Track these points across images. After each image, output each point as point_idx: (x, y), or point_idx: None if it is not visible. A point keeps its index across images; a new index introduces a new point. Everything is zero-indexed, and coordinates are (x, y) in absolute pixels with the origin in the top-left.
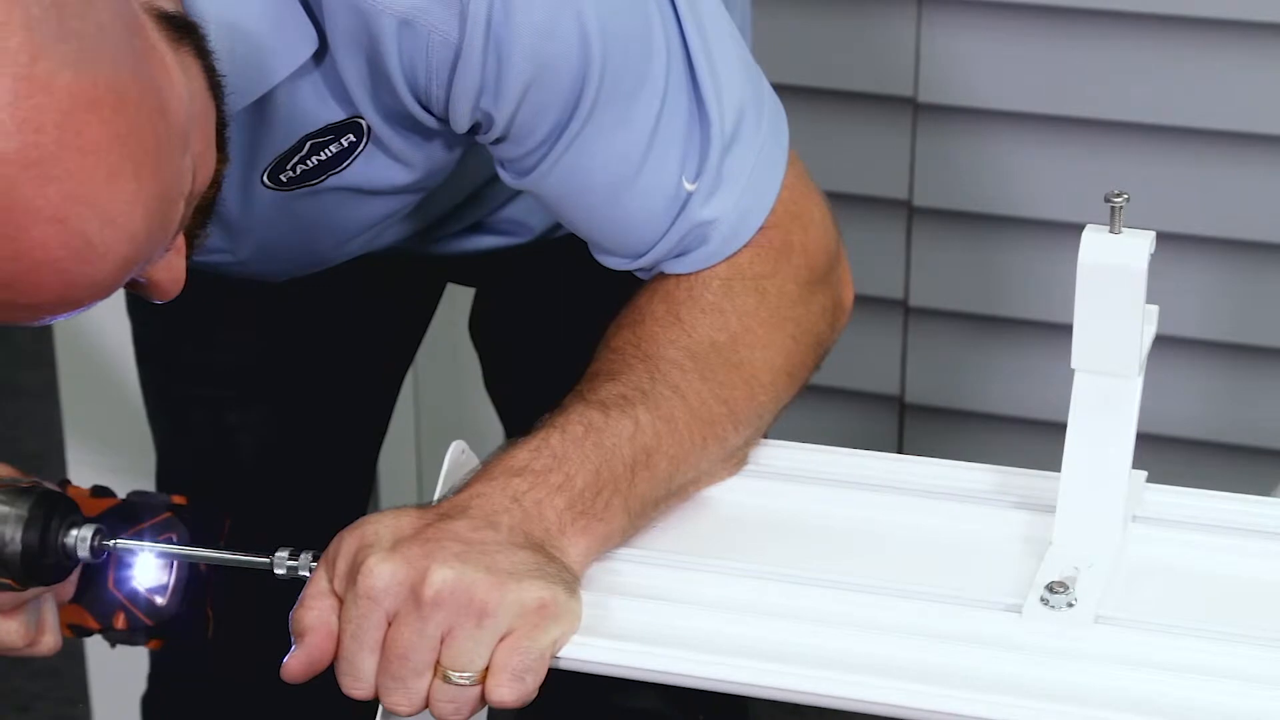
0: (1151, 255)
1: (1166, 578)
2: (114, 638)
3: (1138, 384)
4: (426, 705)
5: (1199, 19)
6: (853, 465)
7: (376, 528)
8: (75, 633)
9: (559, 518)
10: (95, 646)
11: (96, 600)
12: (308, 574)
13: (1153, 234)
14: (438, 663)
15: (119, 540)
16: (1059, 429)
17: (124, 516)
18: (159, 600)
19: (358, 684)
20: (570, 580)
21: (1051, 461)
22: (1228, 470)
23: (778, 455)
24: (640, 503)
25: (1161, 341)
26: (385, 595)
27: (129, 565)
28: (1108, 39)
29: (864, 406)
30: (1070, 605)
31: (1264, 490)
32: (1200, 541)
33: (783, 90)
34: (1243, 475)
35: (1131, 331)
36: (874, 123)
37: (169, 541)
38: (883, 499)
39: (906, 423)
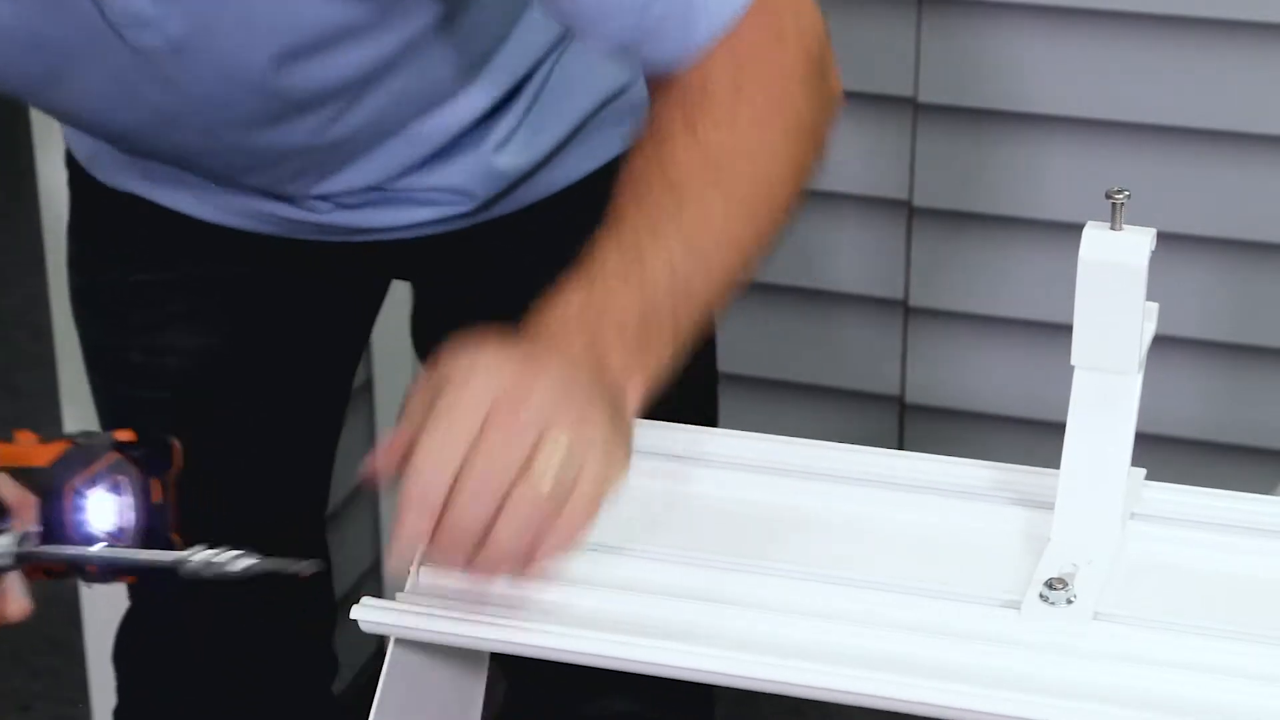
0: (1151, 254)
1: (1165, 575)
2: (88, 579)
3: (1137, 381)
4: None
5: (1199, 19)
6: (851, 461)
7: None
8: (50, 577)
9: (620, 367)
10: (95, 647)
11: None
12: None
13: (1153, 231)
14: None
15: (44, 549)
16: (1059, 429)
17: (76, 461)
18: (121, 543)
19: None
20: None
21: (1052, 461)
22: (1228, 470)
23: (777, 450)
24: (684, 335)
25: (1161, 341)
26: (470, 407)
27: (81, 512)
28: (1108, 39)
29: (864, 406)
30: (1069, 602)
31: (1264, 490)
32: (1199, 539)
33: None
34: (1243, 475)
35: (1132, 328)
36: (874, 123)
37: (115, 487)
38: (881, 495)
39: (906, 423)
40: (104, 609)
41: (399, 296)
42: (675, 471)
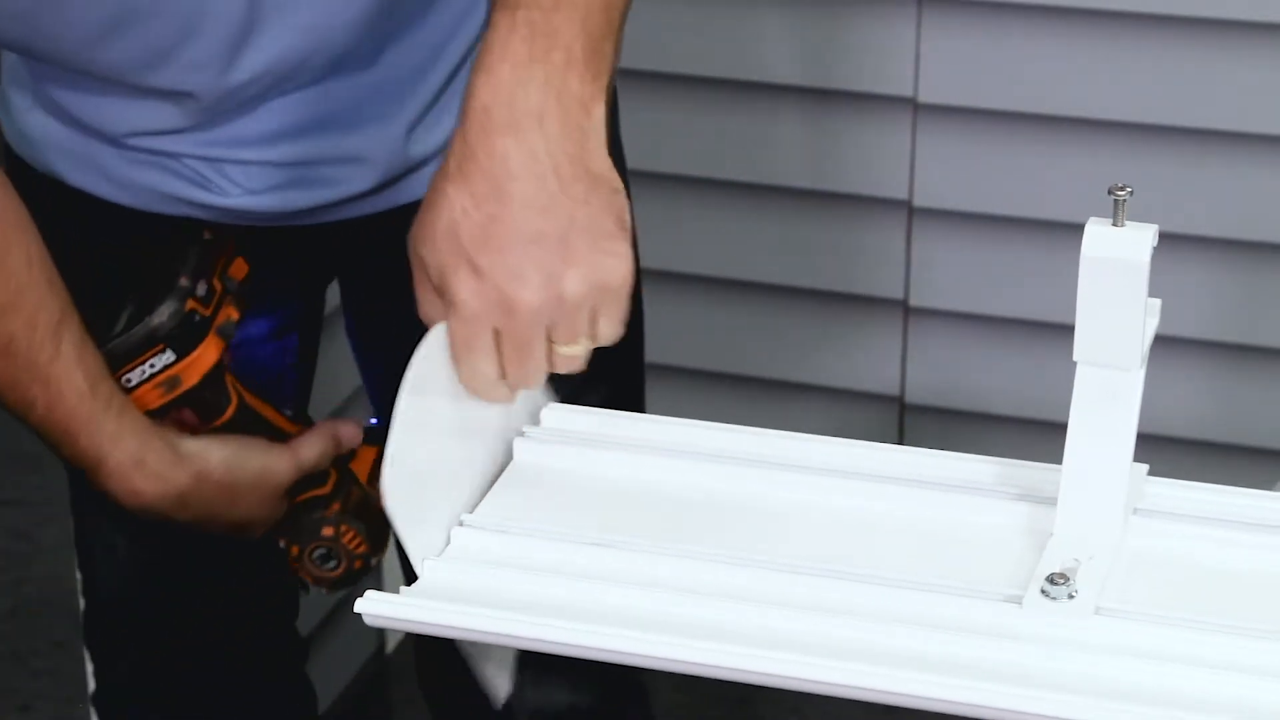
0: (1152, 251)
1: (1167, 570)
2: None
3: (1140, 376)
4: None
5: (1199, 19)
6: (853, 455)
7: (440, 245)
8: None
9: (578, 99)
10: None
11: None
12: None
13: (1155, 227)
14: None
15: None
16: (1059, 429)
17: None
18: None
19: (477, 374)
20: (615, 202)
21: (1052, 460)
22: (1228, 470)
23: (778, 445)
24: (619, 34)
25: (1162, 341)
26: (482, 318)
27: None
28: (1108, 39)
29: (864, 406)
30: (1071, 597)
31: (1265, 490)
32: (1201, 534)
33: (783, 90)
34: (1243, 475)
35: (1134, 324)
36: (874, 123)
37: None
38: (883, 489)
39: (907, 423)
40: None
41: None
42: (677, 466)
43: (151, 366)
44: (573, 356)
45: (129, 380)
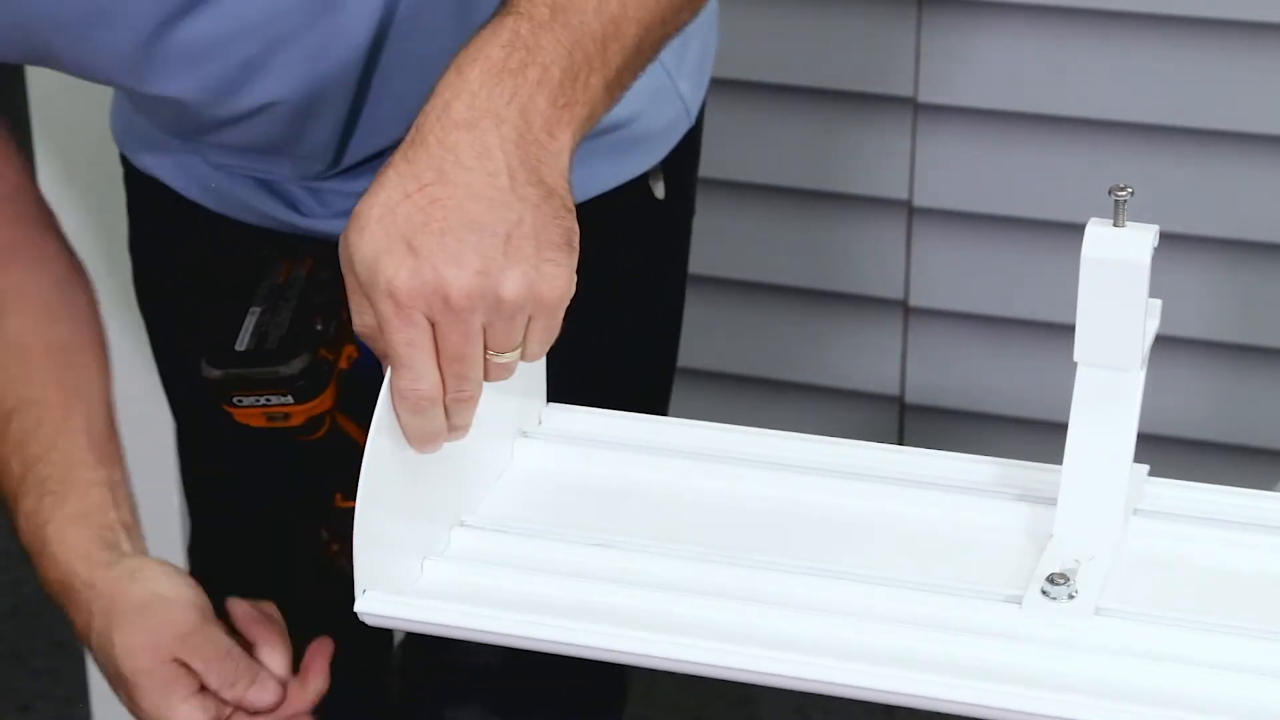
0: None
1: (1167, 571)
2: None
3: (1140, 377)
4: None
5: (1199, 19)
6: (853, 456)
7: (374, 229)
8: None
9: (544, 119)
10: None
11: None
12: None
13: (1156, 228)
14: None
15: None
16: (1060, 429)
17: None
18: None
19: (419, 382)
20: (566, 219)
21: (1052, 461)
22: (1228, 470)
23: (778, 445)
24: (616, 74)
25: (1162, 341)
26: (417, 299)
27: None
28: (1108, 39)
29: (864, 406)
30: (1071, 597)
31: (1265, 490)
32: (1201, 535)
33: (783, 90)
34: (1243, 475)
35: (1134, 325)
36: (874, 123)
37: None
38: (884, 490)
39: (906, 423)
40: None
41: None
42: (677, 467)
43: (267, 401)
44: (504, 365)
45: (239, 400)
